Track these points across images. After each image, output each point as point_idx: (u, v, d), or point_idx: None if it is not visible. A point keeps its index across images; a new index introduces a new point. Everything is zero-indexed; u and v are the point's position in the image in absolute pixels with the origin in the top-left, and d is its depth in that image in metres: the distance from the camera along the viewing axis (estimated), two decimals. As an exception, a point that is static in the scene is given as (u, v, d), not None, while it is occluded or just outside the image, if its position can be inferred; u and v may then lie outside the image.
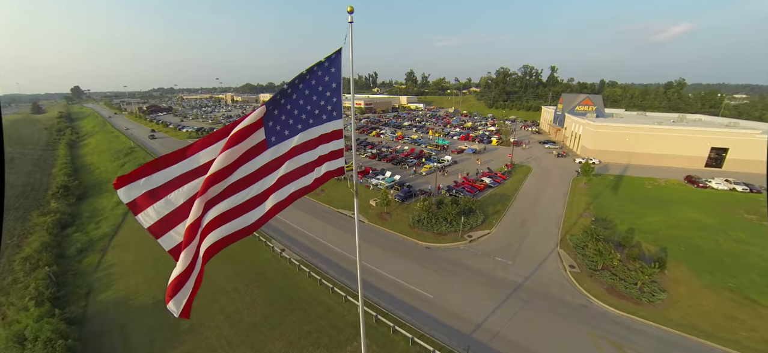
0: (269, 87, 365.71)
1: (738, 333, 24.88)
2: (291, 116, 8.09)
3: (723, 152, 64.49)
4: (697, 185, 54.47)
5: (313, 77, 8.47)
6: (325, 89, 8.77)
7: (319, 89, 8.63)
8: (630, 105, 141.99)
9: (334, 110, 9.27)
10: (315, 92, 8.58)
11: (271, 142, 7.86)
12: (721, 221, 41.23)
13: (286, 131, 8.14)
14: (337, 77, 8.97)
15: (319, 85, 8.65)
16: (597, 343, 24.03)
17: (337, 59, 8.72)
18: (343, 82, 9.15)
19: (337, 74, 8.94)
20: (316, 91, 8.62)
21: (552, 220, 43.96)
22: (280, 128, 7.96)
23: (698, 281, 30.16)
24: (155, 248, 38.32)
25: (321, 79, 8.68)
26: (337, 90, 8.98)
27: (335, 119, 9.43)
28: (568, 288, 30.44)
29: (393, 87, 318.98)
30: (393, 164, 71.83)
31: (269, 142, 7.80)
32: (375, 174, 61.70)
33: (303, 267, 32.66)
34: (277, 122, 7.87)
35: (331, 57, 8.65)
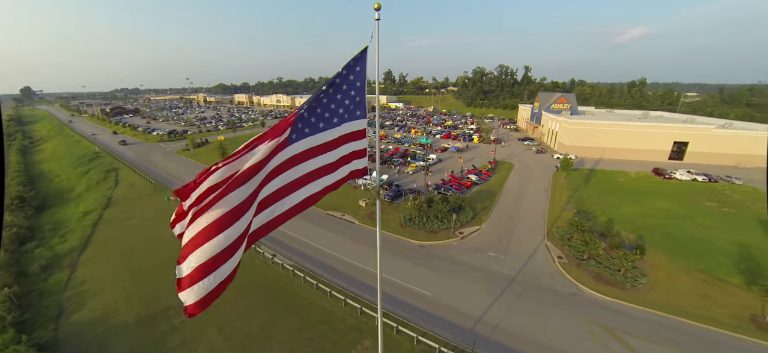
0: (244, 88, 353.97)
1: (712, 311, 26.95)
2: (317, 116, 8.07)
3: (684, 145, 69.85)
4: (663, 176, 58.58)
5: (339, 77, 8.40)
6: (349, 87, 8.74)
7: (344, 88, 8.53)
8: (598, 103, 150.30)
9: (357, 109, 9.23)
10: (339, 91, 8.48)
11: (292, 139, 7.77)
12: (687, 210, 44.54)
13: (306, 129, 8.04)
14: (362, 76, 8.91)
15: (343, 84, 8.66)
16: (590, 329, 25.13)
17: (362, 58, 8.65)
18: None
19: (362, 73, 8.87)
20: (341, 90, 8.57)
21: (537, 214, 45.56)
22: (302, 126, 7.90)
23: (673, 265, 32.38)
24: (133, 260, 36.03)
25: (346, 78, 8.67)
26: (361, 89, 8.89)
27: (359, 119, 9.39)
28: (558, 278, 31.64)
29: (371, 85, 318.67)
30: (379, 164, 71.43)
31: (290, 139, 7.71)
32: (362, 174, 61.17)
33: (297, 271, 31.73)
34: (306, 122, 7.89)
35: (357, 56, 8.63)
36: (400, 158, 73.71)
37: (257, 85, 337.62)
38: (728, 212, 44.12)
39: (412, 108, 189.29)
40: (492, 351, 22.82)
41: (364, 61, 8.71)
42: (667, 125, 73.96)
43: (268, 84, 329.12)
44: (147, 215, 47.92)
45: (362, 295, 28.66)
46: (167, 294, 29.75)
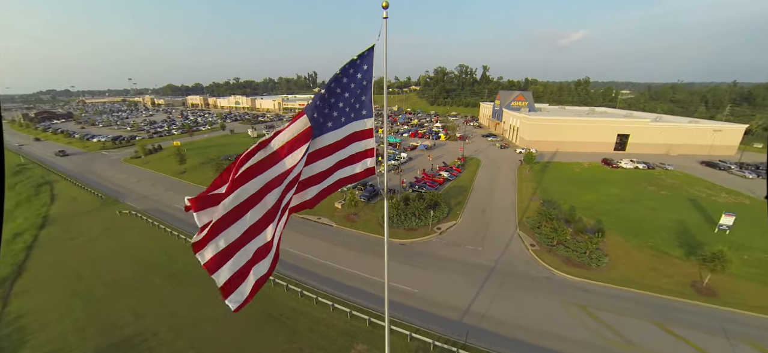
0: (197, 89, 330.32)
1: (660, 281, 30.45)
2: (325, 115, 7.93)
3: (626, 137, 78.13)
4: (611, 165, 64.99)
5: (345, 75, 8.35)
6: (356, 86, 8.63)
7: (352, 87, 8.45)
8: (550, 100, 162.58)
9: (363, 108, 9.15)
10: (348, 90, 8.41)
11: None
12: (634, 194, 49.82)
13: (317, 130, 7.87)
14: (369, 75, 8.81)
15: (351, 83, 8.50)
16: (567, 308, 27.07)
17: (369, 56, 8.54)
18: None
19: (370, 72, 8.78)
20: (349, 88, 8.49)
21: (507, 206, 48.08)
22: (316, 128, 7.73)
23: (628, 244, 36.01)
24: (82, 285, 31.87)
25: (354, 77, 8.51)
26: (368, 88, 8.79)
27: (366, 118, 9.27)
28: (532, 265, 33.65)
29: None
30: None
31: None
32: (335, 176, 60.12)
33: (278, 281, 30.27)
34: (316, 122, 7.66)
35: (363, 54, 8.47)
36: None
37: (212, 87, 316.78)
38: (666, 194, 50.13)
39: (376, 108, 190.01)
40: (483, 340, 23.61)
41: (371, 60, 8.58)
42: (611, 119, 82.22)
43: (225, 85, 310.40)
44: (95, 232, 42.73)
45: (350, 299, 28.14)
46: (131, 319, 26.81)
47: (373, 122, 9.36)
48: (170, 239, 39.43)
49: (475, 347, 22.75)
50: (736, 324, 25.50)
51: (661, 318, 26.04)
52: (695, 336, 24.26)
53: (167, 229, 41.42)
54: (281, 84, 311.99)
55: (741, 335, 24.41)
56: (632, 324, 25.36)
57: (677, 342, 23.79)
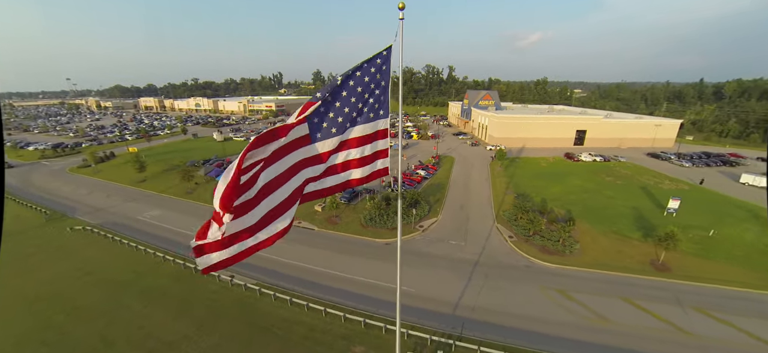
0: (150, 90, 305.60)
1: (624, 261, 33.54)
2: (340, 113, 7.90)
3: (583, 133, 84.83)
4: (573, 159, 70.23)
5: (364, 74, 8.44)
6: (375, 86, 8.74)
7: (371, 87, 8.56)
8: (513, 99, 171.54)
9: (381, 109, 9.24)
10: (366, 90, 8.52)
11: (316, 138, 7.70)
12: (595, 185, 54.28)
13: (333, 128, 7.95)
14: (387, 75, 8.95)
15: (371, 83, 8.61)
16: (547, 294, 28.88)
17: (388, 57, 8.71)
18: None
19: (387, 72, 8.89)
20: (368, 88, 8.58)
21: (484, 200, 50.14)
22: (327, 125, 7.77)
23: (595, 230, 39.19)
24: (36, 315, 28.20)
25: (373, 76, 8.61)
26: (385, 88, 8.93)
27: (383, 118, 9.37)
28: (513, 255, 35.45)
29: (300, 87, 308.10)
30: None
31: (314, 138, 7.64)
32: (313, 178, 58.91)
33: (264, 290, 29.09)
34: (324, 118, 7.70)
35: (382, 54, 8.62)
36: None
37: (167, 88, 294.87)
38: (621, 184, 55.23)
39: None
40: (477, 330, 24.48)
41: (389, 60, 8.70)
42: (570, 116, 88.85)
43: (182, 86, 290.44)
44: (45, 254, 37.92)
45: (342, 302, 27.77)
46: (101, 346, 24.31)
47: (388, 122, 9.47)
48: (136, 255, 36.25)
49: (471, 338, 23.53)
50: (687, 294, 28.86)
51: (628, 294, 28.70)
52: (656, 307, 27.08)
53: (131, 244, 38.00)
54: (245, 85, 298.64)
55: (691, 302, 27.69)
56: (604, 302, 27.69)
57: (643, 314, 26.39)
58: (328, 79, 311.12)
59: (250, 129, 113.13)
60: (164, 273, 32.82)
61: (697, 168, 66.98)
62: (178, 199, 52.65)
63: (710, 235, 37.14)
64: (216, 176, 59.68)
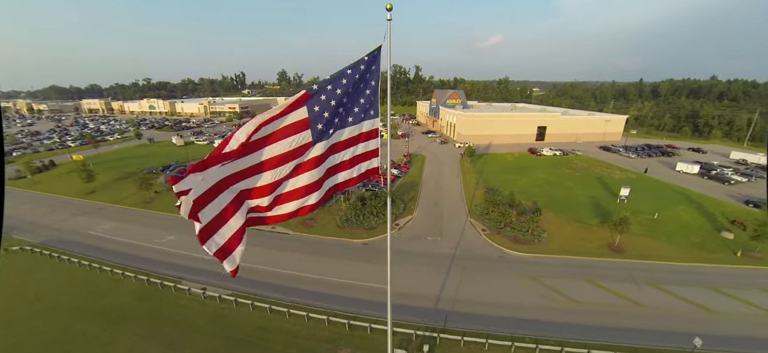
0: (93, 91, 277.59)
1: (586, 246, 36.39)
2: (335, 114, 7.99)
3: (544, 129, 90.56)
4: (536, 154, 74.74)
5: (356, 73, 8.55)
6: (365, 86, 8.92)
7: (361, 87, 8.72)
8: (477, 97, 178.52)
9: (371, 108, 9.43)
10: (357, 90, 8.69)
11: (317, 139, 7.75)
12: (557, 177, 58.21)
13: (330, 130, 8.08)
14: (377, 75, 9.15)
15: (361, 83, 8.78)
16: (521, 281, 30.56)
17: (377, 57, 8.82)
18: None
19: (377, 73, 9.08)
20: (359, 88, 8.76)
21: (456, 196, 51.77)
22: (323, 126, 7.81)
23: (559, 219, 42.09)
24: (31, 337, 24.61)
25: (363, 76, 8.77)
26: (375, 88, 9.13)
27: (373, 118, 9.55)
28: (486, 247, 37.01)
29: (265, 88, 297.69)
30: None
31: (315, 139, 7.68)
32: (285, 181, 57.18)
33: (240, 300, 27.79)
34: (320, 119, 7.70)
35: (372, 54, 8.79)
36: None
37: (115, 88, 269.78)
38: (579, 175, 59.79)
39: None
40: (460, 321, 25.28)
41: (379, 60, 8.84)
42: (531, 114, 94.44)
43: (132, 87, 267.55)
44: (-26, 277, 33.26)
45: (324, 305, 27.31)
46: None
47: (379, 122, 9.62)
48: (90, 274, 32.87)
49: (454, 329, 24.24)
50: (639, 271, 32.05)
51: (591, 276, 31.20)
52: (615, 285, 29.75)
53: (83, 262, 34.38)
54: (204, 85, 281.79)
55: (643, 278, 30.80)
56: (572, 285, 29.88)
57: (605, 293, 28.86)
58: (293, 80, 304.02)
59: (214, 132, 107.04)
60: (125, 291, 30.12)
61: (641, 159, 74.36)
62: (135, 209, 48.55)
63: (655, 218, 41.45)
64: (178, 183, 55.85)
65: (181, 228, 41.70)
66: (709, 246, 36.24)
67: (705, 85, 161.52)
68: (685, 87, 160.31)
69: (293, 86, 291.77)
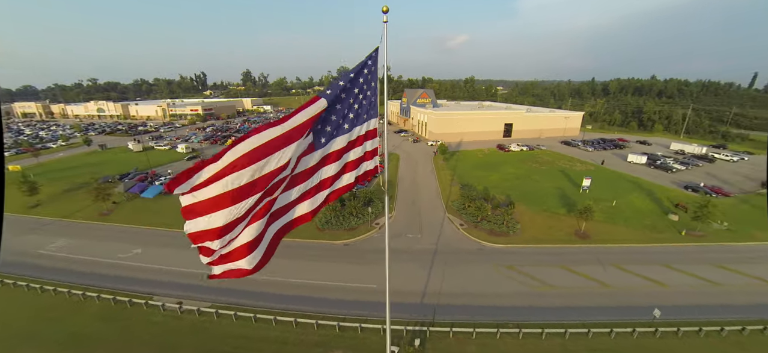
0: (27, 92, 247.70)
1: (556, 234, 39.00)
2: (341, 116, 8.17)
3: (510, 126, 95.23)
4: (504, 150, 78.42)
5: (358, 76, 8.74)
6: (367, 88, 9.15)
7: (364, 88, 8.91)
8: (445, 96, 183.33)
9: (371, 109, 9.67)
10: (361, 91, 8.88)
11: (320, 143, 7.87)
12: (525, 171, 61.59)
13: (334, 131, 8.19)
14: (376, 76, 9.38)
15: (364, 84, 9.00)
16: (499, 271, 32.12)
17: (375, 58, 9.08)
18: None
19: (375, 74, 9.32)
20: (362, 90, 8.97)
21: (433, 193, 53.03)
22: (330, 129, 7.96)
23: (531, 211, 44.65)
24: None
25: (366, 78, 8.96)
26: (374, 89, 9.33)
27: (373, 118, 9.81)
28: (465, 241, 38.39)
29: (229, 89, 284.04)
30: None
31: (318, 143, 7.80)
32: (259, 185, 55.19)
33: (222, 311, 26.51)
34: (327, 122, 7.86)
35: (370, 55, 9.01)
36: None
37: (54, 89, 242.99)
38: (545, 169, 63.75)
39: (281, 110, 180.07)
40: (447, 313, 26.06)
41: (377, 62, 9.07)
42: (498, 112, 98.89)
43: (75, 88, 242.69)
44: None
45: (312, 309, 26.87)
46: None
47: (377, 122, 9.88)
48: (45, 299, 29.54)
49: (443, 321, 24.96)
50: (603, 254, 34.97)
51: (563, 262, 33.54)
52: (584, 268, 32.26)
53: (33, 285, 30.86)
54: (160, 86, 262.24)
55: (607, 261, 33.66)
56: (546, 271, 31.93)
57: (575, 276, 31.19)
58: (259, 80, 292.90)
59: (176, 136, 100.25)
60: (87, 314, 27.49)
61: (597, 152, 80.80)
62: (90, 223, 44.32)
63: (613, 205, 45.38)
64: (139, 191, 51.84)
65: (148, 240, 38.87)
66: (659, 227, 40.42)
67: (646, 84, 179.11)
68: (630, 86, 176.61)
69: (258, 87, 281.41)
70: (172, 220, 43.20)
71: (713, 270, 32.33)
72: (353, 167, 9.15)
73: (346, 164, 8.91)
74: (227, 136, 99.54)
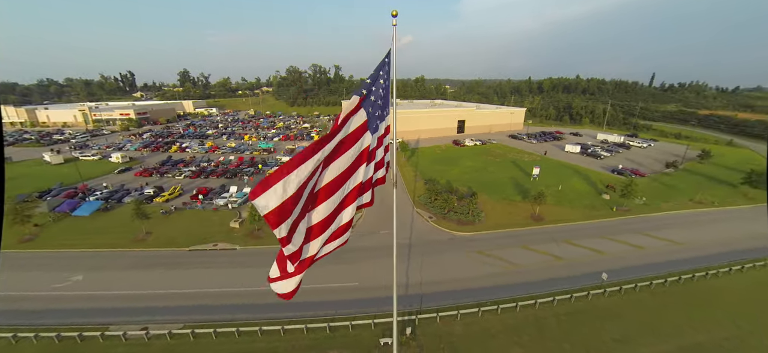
0: None
1: (516, 219, 43.00)
2: (376, 113, 8.68)
3: (463, 122, 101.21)
4: (460, 145, 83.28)
5: (379, 76, 9.27)
6: (383, 90, 9.66)
7: (381, 92, 9.50)
8: (397, 95, 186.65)
9: (385, 108, 10.24)
10: (378, 95, 9.42)
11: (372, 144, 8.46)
12: (481, 164, 66.28)
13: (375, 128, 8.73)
14: (388, 77, 9.97)
15: (381, 88, 9.48)
16: (471, 256, 34.59)
17: (389, 60, 9.69)
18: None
19: (388, 75, 9.93)
20: (379, 93, 9.46)
21: (399, 189, 54.56)
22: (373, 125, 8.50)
23: (491, 200, 48.43)
24: None
25: (383, 79, 9.52)
26: (387, 89, 9.92)
27: (387, 117, 10.41)
28: (436, 233, 40.43)
29: (164, 90, 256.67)
30: (226, 178, 62.02)
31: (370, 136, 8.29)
32: (217, 194, 51.41)
33: (198, 330, 24.60)
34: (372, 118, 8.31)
35: (384, 59, 9.57)
36: (249, 168, 66.61)
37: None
38: (498, 161, 69.31)
39: (229, 113, 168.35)
40: (432, 301, 27.44)
41: (389, 64, 9.71)
42: (451, 109, 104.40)
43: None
44: None
45: (298, 314, 26.24)
46: None
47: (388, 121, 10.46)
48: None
49: (429, 308, 26.25)
50: (556, 232, 39.55)
51: (523, 242, 37.21)
52: (541, 246, 36.24)
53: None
54: (76, 87, 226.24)
55: (560, 238, 38.19)
56: (511, 252, 35.19)
57: (536, 254, 34.91)
58: (198, 81, 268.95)
59: (106, 145, 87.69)
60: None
61: (540, 143, 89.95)
62: (9, 252, 37.37)
63: (559, 189, 51.29)
64: (70, 210, 44.91)
65: (90, 265, 34.12)
66: (596, 206, 46.83)
67: (573, 82, 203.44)
68: (560, 84, 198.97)
69: (199, 88, 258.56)
70: (117, 238, 38.47)
71: (638, 237, 38.62)
72: (381, 165, 9.73)
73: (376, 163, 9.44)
74: (171, 142, 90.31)
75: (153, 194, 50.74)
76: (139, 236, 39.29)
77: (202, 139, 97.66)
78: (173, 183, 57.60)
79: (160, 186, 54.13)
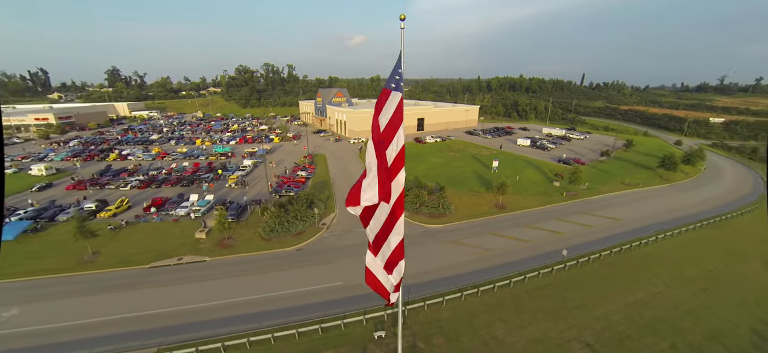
0: None
1: (483, 209, 46.21)
2: None
3: (422, 120, 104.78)
4: (422, 142, 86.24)
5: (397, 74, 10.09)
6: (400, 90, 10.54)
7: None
8: (354, 94, 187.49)
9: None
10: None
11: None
12: (445, 160, 69.56)
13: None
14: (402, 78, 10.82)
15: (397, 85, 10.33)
16: (447, 246, 36.60)
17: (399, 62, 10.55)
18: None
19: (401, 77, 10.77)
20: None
21: (371, 188, 55.14)
22: None
23: (458, 193, 51.27)
24: None
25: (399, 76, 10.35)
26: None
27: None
28: (412, 227, 41.84)
29: (90, 91, 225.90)
30: (183, 186, 57.23)
31: None
32: (175, 204, 47.22)
33: (181, 349, 22.78)
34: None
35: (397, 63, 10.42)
36: (207, 174, 62.20)
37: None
38: (460, 155, 73.28)
39: (173, 116, 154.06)
40: (417, 291, 28.57)
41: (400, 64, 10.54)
42: (410, 107, 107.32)
43: None
44: None
45: (288, 320, 25.59)
46: None
47: None
48: None
49: (416, 298, 27.33)
50: (519, 219, 43.42)
51: (492, 230, 40.30)
52: (507, 232, 39.63)
53: None
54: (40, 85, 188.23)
55: (522, 223, 42.04)
56: (482, 239, 37.93)
57: (504, 239, 38.09)
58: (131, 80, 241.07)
59: (22, 156, 74.56)
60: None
61: (495, 138, 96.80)
62: None
63: (517, 180, 56.04)
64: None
65: (25, 295, 29.46)
66: (549, 193, 52.15)
67: (517, 81, 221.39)
68: (507, 82, 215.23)
69: (133, 88, 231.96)
70: (56, 263, 33.74)
71: (586, 217, 44.02)
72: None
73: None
74: (108, 149, 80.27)
75: (96, 208, 44.99)
76: (85, 257, 34.78)
77: (146, 145, 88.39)
78: (118, 195, 51.56)
79: (102, 200, 48.05)
